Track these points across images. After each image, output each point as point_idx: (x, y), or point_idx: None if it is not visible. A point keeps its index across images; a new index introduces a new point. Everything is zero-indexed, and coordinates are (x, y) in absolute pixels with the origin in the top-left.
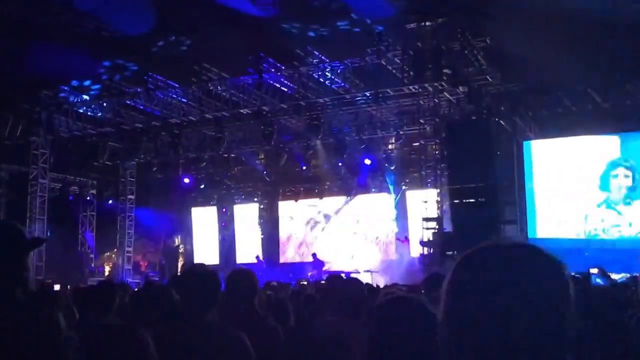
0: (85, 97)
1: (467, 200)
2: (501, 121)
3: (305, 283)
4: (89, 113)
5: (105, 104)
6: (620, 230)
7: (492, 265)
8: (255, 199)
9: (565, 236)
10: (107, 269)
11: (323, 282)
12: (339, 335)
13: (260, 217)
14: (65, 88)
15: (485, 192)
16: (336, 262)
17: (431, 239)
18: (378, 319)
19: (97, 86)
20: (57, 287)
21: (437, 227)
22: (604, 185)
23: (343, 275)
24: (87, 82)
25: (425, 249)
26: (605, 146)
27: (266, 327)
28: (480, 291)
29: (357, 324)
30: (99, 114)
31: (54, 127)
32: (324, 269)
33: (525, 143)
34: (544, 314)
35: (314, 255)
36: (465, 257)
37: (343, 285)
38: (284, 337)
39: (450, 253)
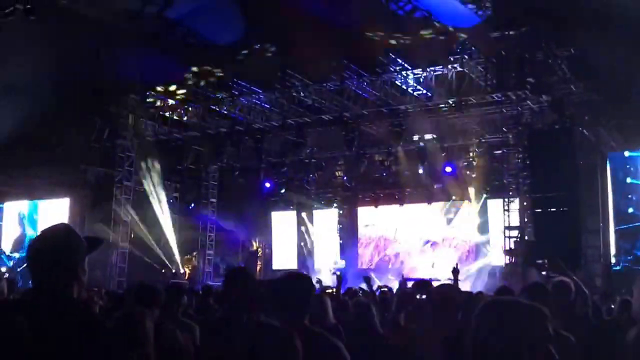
0: (171, 101)
1: (549, 210)
2: (584, 131)
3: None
4: (175, 117)
5: (190, 109)
6: None
7: (497, 315)
8: (335, 205)
9: None
10: (187, 271)
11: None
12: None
13: (339, 222)
14: (152, 93)
15: (568, 202)
16: (417, 269)
17: (513, 247)
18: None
19: (182, 91)
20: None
21: (519, 235)
22: None
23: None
24: (173, 87)
25: (508, 257)
26: None
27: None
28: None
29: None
30: (184, 118)
31: (140, 131)
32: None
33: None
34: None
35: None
36: (483, 308)
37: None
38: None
39: (540, 262)
